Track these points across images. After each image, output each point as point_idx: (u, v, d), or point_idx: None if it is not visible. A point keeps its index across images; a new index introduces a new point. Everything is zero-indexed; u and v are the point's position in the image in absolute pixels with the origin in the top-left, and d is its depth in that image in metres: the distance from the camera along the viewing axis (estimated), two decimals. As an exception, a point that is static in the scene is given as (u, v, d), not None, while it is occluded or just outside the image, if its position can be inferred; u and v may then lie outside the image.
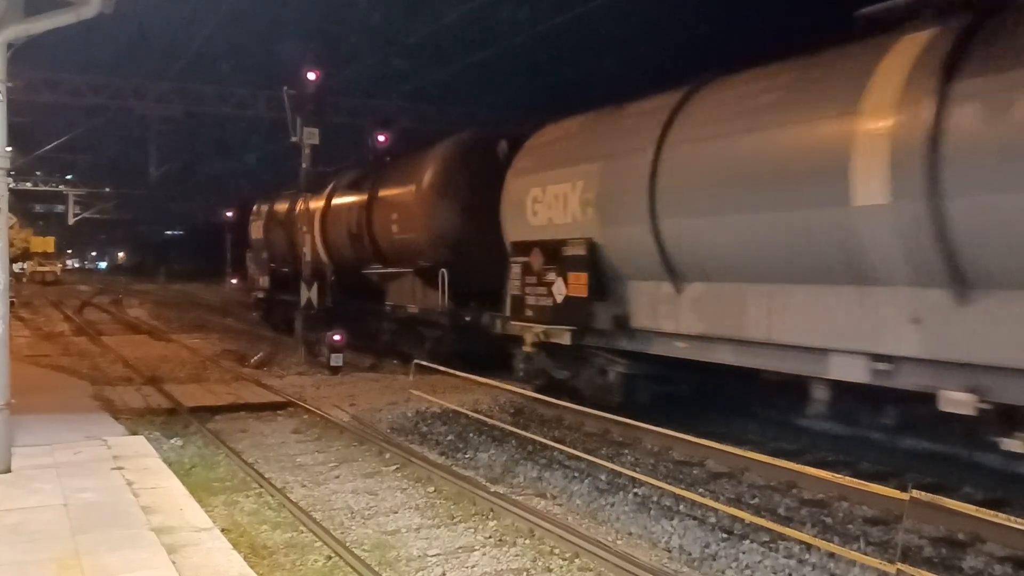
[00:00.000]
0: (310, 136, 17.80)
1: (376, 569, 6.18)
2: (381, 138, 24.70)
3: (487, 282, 13.84)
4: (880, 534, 6.86)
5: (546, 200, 11.74)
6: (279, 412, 12.53)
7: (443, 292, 14.81)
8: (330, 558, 6.48)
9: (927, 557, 6.35)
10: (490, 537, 7.01)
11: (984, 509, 5.98)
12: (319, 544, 6.78)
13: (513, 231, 12.59)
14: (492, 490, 8.26)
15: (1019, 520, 5.88)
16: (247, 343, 21.54)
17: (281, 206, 23.31)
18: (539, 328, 11.67)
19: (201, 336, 24.05)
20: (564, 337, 11.25)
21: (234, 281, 53.11)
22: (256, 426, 11.60)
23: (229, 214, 57.23)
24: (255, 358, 18.15)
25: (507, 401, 12.70)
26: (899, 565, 5.65)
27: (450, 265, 14.77)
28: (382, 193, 17.25)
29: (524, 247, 12.02)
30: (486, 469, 9.30)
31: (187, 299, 43.43)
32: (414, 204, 15.68)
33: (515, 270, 12.18)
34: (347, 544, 6.71)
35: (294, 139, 17.94)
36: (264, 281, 23.45)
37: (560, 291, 11.19)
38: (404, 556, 6.57)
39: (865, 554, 6.18)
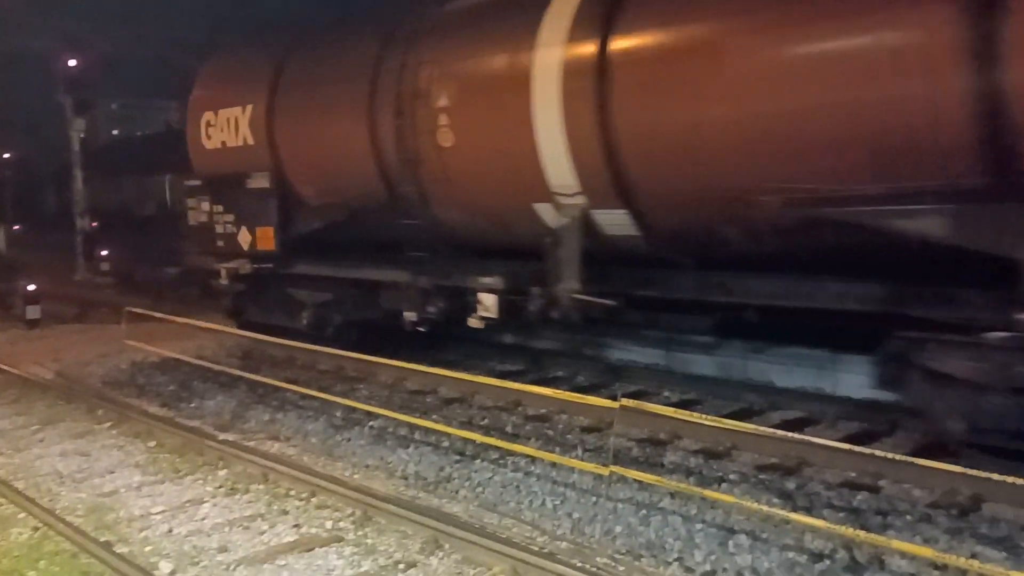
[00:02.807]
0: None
1: (92, 535, 5.74)
2: (73, 63, 22.07)
3: None
4: (595, 440, 7.48)
5: None
6: (-35, 375, 11.10)
7: None
8: (37, 529, 5.93)
9: (635, 457, 7.03)
10: (220, 487, 6.76)
11: (680, 410, 6.73)
12: (23, 515, 6.17)
13: None
14: (221, 438, 7.95)
15: (709, 417, 6.70)
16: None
17: (337, 78, 9.96)
18: None
19: None
20: None
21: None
22: (-64, 393, 10.20)
23: None
24: (-72, 316, 15.82)
25: (234, 344, 12.17)
26: (611, 467, 6.22)
27: None
28: None
29: None
30: (214, 417, 8.90)
31: None
32: None
33: None
34: (56, 512, 6.17)
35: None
36: (255, 244, 11.08)
37: None
38: (125, 517, 6.16)
39: (582, 460, 6.73)
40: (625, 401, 6.49)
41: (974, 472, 5.20)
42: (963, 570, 4.70)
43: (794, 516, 5.36)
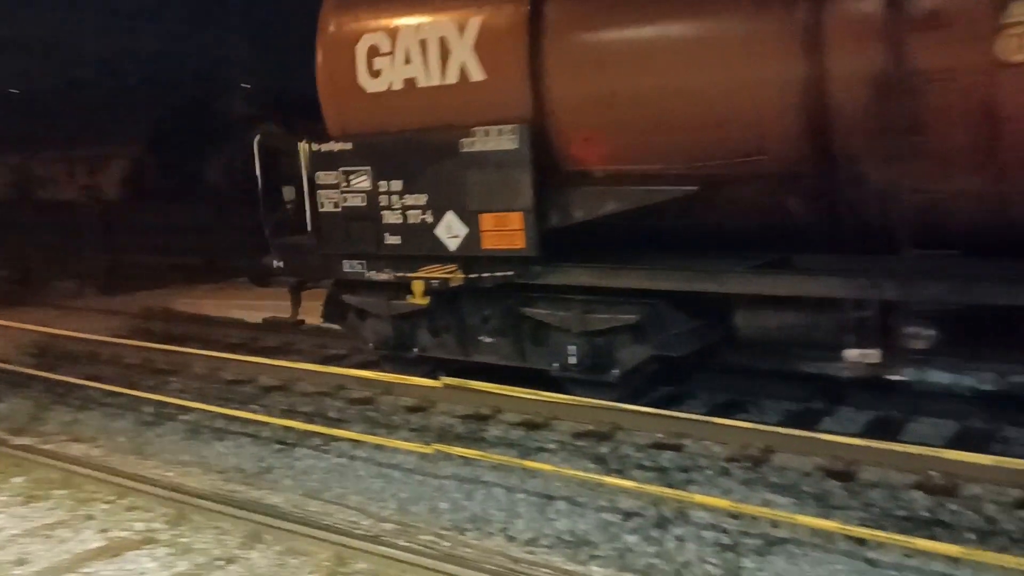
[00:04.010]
0: None
1: None
2: None
3: None
4: (420, 420, 7.52)
5: None
6: None
7: None
8: None
9: (458, 433, 7.15)
10: (16, 495, 6.28)
11: (502, 386, 6.91)
12: None
13: None
14: (15, 443, 7.38)
15: (528, 391, 6.93)
16: None
17: None
18: None
19: None
20: None
21: None
22: None
23: None
24: None
25: (27, 341, 11.25)
26: (436, 445, 6.31)
27: None
28: None
29: None
30: (6, 421, 8.23)
31: None
32: None
33: None
34: None
35: None
36: (478, 241, 7.21)
37: None
38: (-98, 537, 5.60)
39: (407, 441, 6.76)
40: (448, 380, 6.60)
41: (764, 427, 5.70)
42: (755, 517, 5.14)
43: (607, 479, 5.66)
